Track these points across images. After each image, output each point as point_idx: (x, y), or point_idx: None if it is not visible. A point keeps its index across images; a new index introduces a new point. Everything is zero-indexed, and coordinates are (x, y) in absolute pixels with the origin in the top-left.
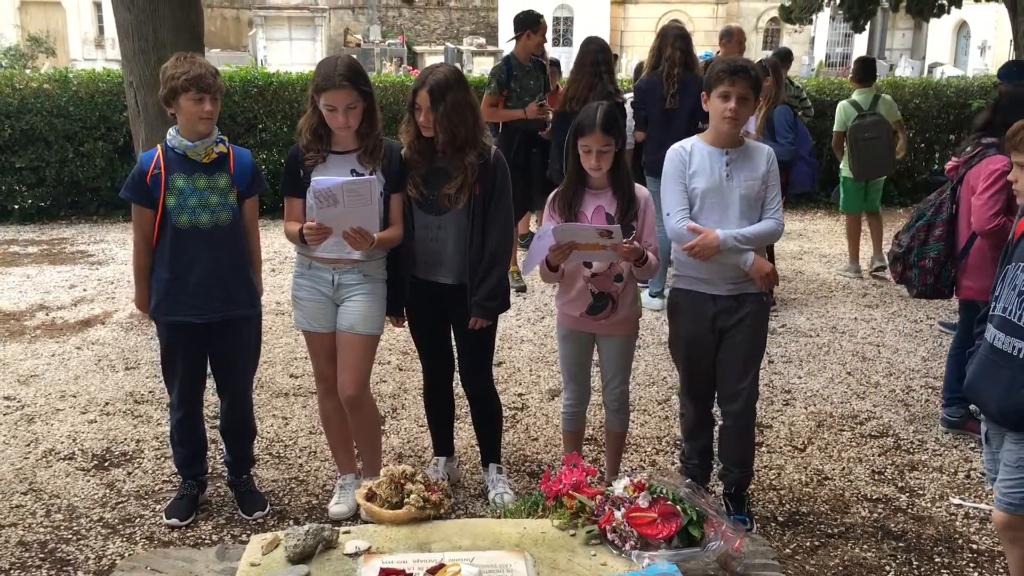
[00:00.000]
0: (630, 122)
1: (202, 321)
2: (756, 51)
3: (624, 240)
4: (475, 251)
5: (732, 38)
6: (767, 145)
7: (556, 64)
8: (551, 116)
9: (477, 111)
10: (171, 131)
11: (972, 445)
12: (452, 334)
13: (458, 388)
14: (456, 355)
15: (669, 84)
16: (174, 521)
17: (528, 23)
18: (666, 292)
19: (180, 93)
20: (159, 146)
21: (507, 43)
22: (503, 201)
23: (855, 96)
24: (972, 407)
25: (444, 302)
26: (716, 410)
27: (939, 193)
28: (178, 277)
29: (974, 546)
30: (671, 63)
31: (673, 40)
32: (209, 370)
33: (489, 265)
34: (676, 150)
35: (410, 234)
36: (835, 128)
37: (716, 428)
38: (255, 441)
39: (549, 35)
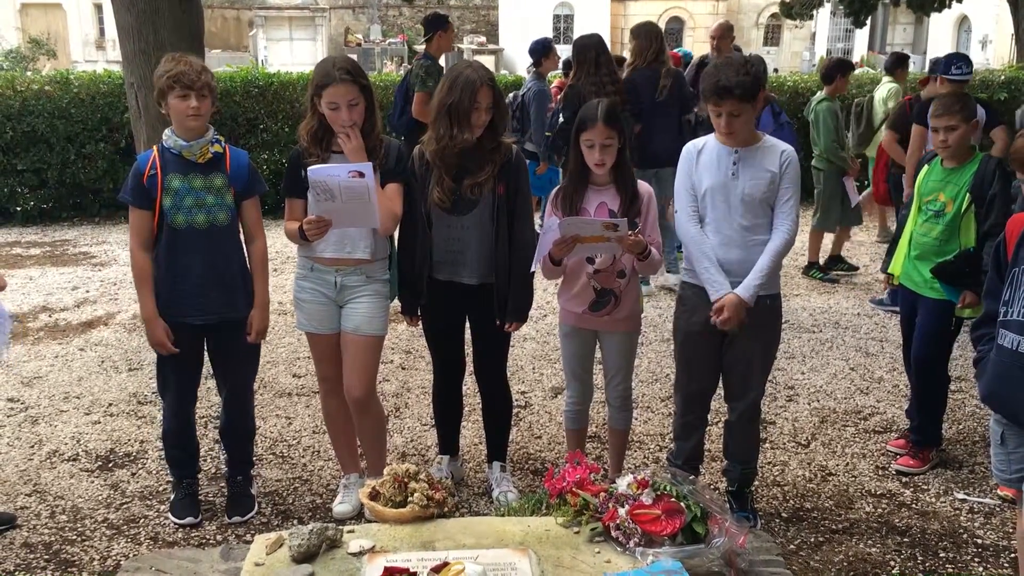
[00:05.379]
0: None
1: (200, 323)
2: (756, 47)
3: (629, 232)
4: (502, 250)
5: (717, 36)
6: (788, 144)
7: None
8: None
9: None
10: (167, 132)
11: (976, 440)
12: (465, 333)
13: (464, 387)
14: (474, 352)
15: (665, 78)
16: (189, 519)
17: (439, 23)
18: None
19: (167, 92)
20: (155, 147)
21: (419, 44)
22: (526, 200)
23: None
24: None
25: (464, 302)
26: (710, 412)
27: None
28: (175, 278)
29: (979, 541)
30: (666, 57)
31: (660, 38)
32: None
33: (522, 268)
34: (687, 148)
35: (426, 235)
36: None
37: (720, 425)
38: (257, 441)
39: (550, 32)
